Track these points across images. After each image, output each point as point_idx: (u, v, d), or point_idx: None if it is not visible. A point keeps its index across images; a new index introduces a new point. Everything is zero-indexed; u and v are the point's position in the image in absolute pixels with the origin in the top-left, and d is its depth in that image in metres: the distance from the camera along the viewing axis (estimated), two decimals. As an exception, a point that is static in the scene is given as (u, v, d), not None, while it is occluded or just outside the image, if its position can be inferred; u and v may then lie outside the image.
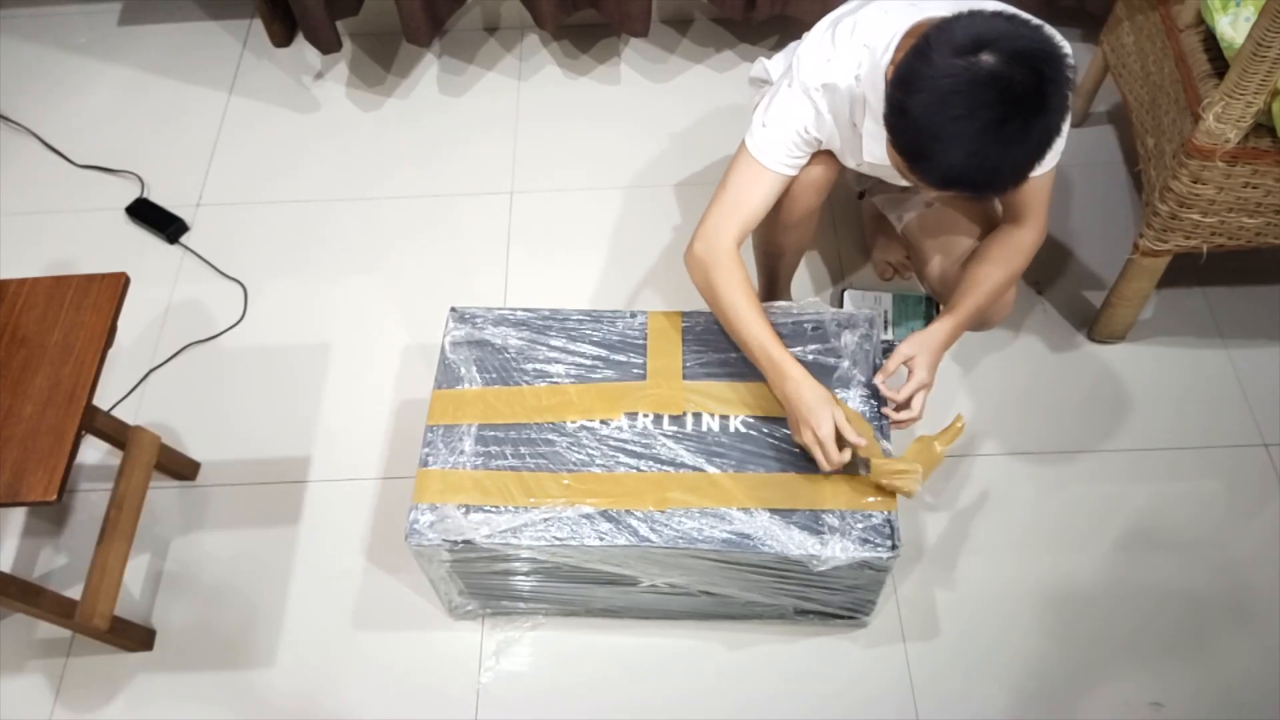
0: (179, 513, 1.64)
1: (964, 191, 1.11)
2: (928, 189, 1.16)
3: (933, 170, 1.09)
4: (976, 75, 1.03)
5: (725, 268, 1.30)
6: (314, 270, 1.93)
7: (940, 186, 1.11)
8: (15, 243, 1.99)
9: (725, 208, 1.32)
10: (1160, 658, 1.46)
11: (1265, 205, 1.46)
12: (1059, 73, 1.05)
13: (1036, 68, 1.03)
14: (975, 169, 1.06)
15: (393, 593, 1.55)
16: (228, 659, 1.50)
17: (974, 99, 1.03)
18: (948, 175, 1.08)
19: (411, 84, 2.24)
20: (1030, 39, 1.05)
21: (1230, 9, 1.40)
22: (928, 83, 1.05)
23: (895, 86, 1.09)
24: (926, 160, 1.09)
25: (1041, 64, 1.04)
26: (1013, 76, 1.02)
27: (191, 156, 2.13)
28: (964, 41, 1.04)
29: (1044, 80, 1.03)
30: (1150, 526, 1.58)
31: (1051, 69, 1.04)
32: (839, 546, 1.24)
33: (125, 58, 2.32)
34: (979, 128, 1.03)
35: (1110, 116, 2.08)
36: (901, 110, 1.08)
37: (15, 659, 1.51)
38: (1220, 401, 1.70)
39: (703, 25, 2.32)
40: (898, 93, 1.09)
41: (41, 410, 1.22)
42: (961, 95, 1.03)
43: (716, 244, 1.31)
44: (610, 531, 1.26)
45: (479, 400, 1.37)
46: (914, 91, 1.06)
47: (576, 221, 1.98)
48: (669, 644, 1.49)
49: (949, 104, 1.04)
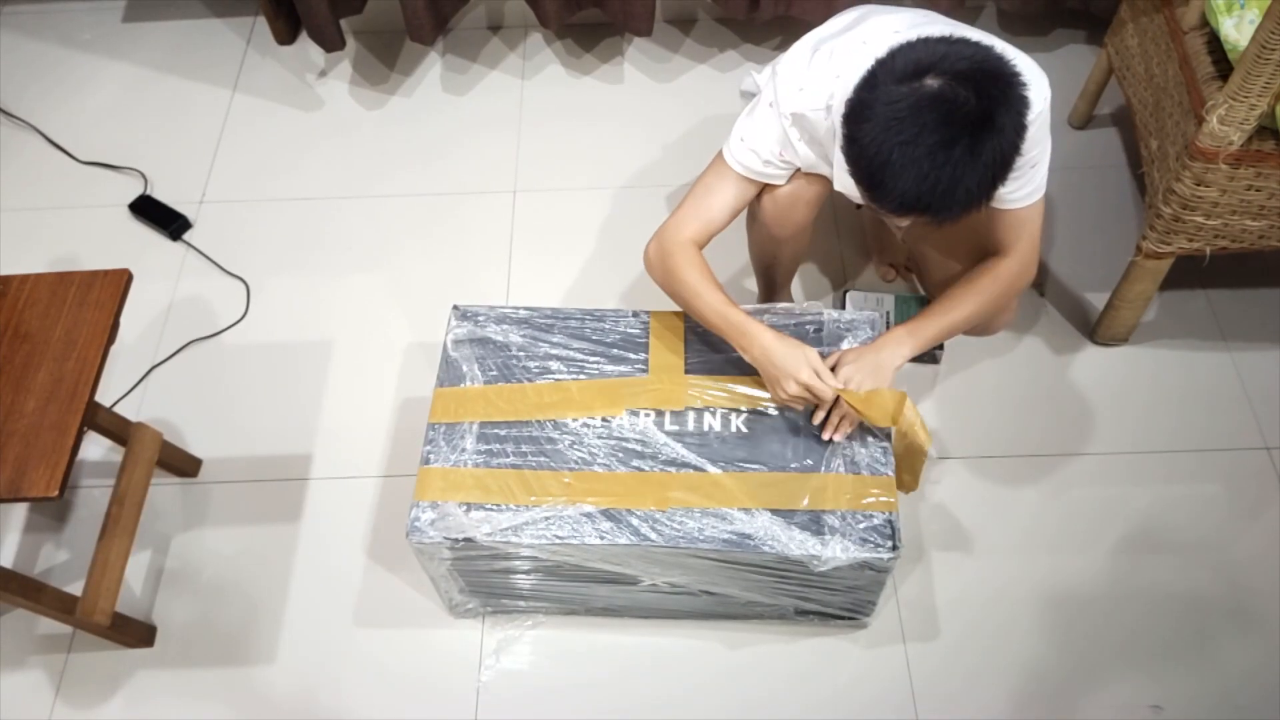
0: (180, 509, 1.65)
1: (923, 216, 1.11)
2: (888, 216, 1.15)
3: (888, 197, 1.09)
4: (919, 99, 1.03)
5: (681, 255, 1.31)
6: (317, 268, 1.94)
7: (898, 212, 1.11)
8: (18, 239, 1.99)
9: (687, 210, 1.34)
10: (1160, 660, 1.46)
11: (1268, 208, 1.46)
12: (1007, 93, 1.05)
13: (981, 88, 1.03)
14: (928, 192, 1.06)
15: (393, 590, 1.55)
16: (228, 656, 1.51)
17: (918, 122, 1.03)
18: (903, 201, 1.08)
19: (415, 82, 2.24)
20: (972, 59, 1.05)
21: (1235, 11, 1.40)
22: (873, 111, 1.06)
23: (845, 118, 1.10)
24: (880, 187, 1.09)
25: (986, 84, 1.04)
26: (955, 98, 1.03)
27: (195, 154, 2.13)
28: (906, 68, 1.05)
29: (990, 100, 1.03)
30: (1151, 528, 1.58)
31: (998, 88, 1.04)
32: (840, 547, 1.24)
33: (129, 54, 2.32)
34: (925, 151, 1.03)
35: (1114, 119, 2.08)
36: (852, 140, 1.09)
37: (16, 654, 1.51)
38: (1222, 404, 1.70)
39: (706, 25, 2.32)
40: (847, 124, 1.10)
41: (44, 406, 1.22)
42: (906, 120, 1.04)
43: (672, 238, 1.33)
44: (611, 530, 1.26)
45: (481, 398, 1.37)
46: (862, 121, 1.07)
47: (579, 221, 1.98)
48: (669, 643, 1.49)
49: (894, 130, 1.04)
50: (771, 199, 1.38)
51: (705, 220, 1.34)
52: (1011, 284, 1.36)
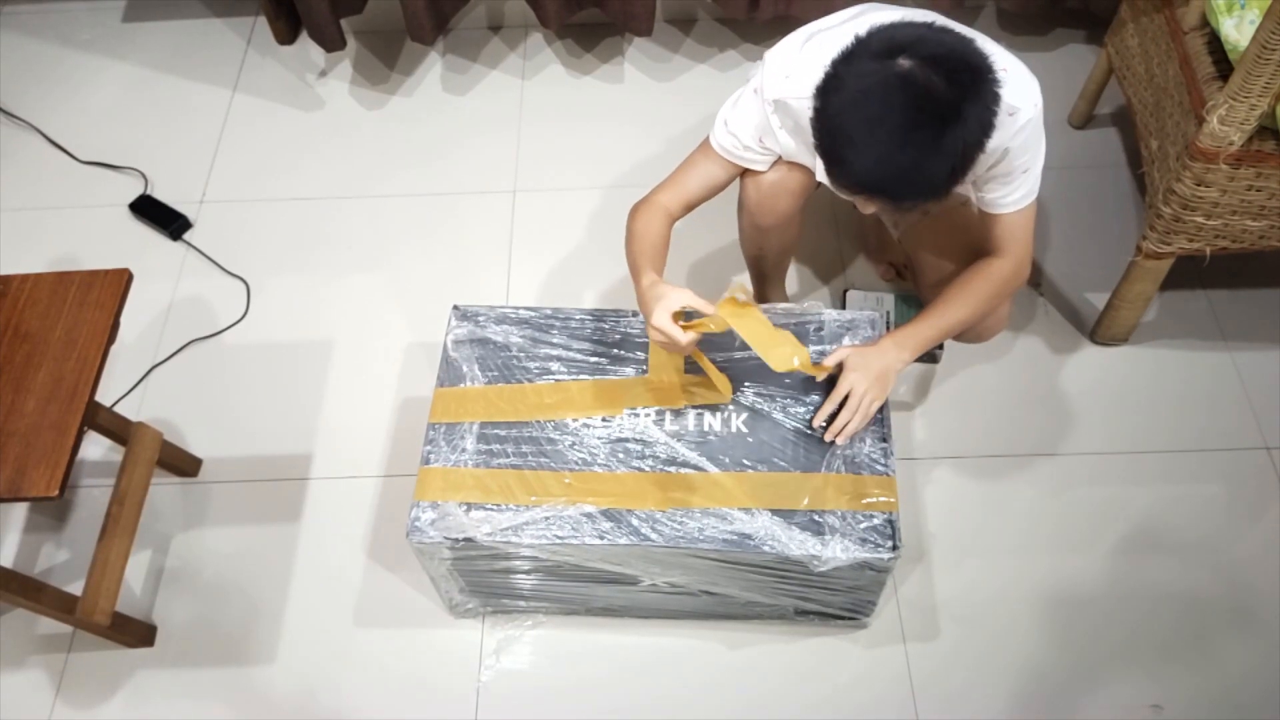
0: (180, 509, 1.65)
1: (880, 199, 1.11)
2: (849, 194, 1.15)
3: (847, 173, 1.09)
4: (889, 78, 1.03)
5: (644, 211, 1.35)
6: (317, 268, 1.94)
7: (856, 190, 1.11)
8: (19, 239, 1.99)
9: (669, 180, 1.38)
10: (1160, 660, 1.46)
11: (1269, 208, 1.46)
12: (978, 85, 1.04)
13: (953, 76, 1.03)
14: (888, 175, 1.06)
15: (393, 590, 1.55)
16: (228, 656, 1.51)
17: (885, 101, 1.03)
18: (862, 179, 1.08)
19: (415, 82, 2.24)
20: (950, 47, 1.05)
21: (1235, 12, 1.40)
22: (843, 84, 1.06)
23: (817, 90, 1.10)
24: (841, 164, 1.09)
25: (958, 72, 1.03)
26: (925, 81, 1.02)
27: (195, 153, 2.13)
28: (881, 46, 1.05)
29: (960, 89, 1.03)
30: (1151, 528, 1.58)
31: (969, 79, 1.04)
32: (840, 547, 1.24)
33: (129, 54, 2.32)
34: (887, 132, 1.03)
35: (1114, 119, 2.08)
36: (820, 112, 1.09)
37: (16, 654, 1.51)
38: (1222, 404, 1.70)
39: (706, 25, 2.32)
40: (818, 96, 1.10)
41: (44, 406, 1.22)
42: (873, 97, 1.03)
43: (648, 198, 1.36)
44: (611, 530, 1.26)
45: (481, 398, 1.37)
46: (830, 93, 1.07)
47: (579, 221, 1.98)
48: (669, 643, 1.49)
49: (860, 105, 1.04)
50: (755, 186, 1.40)
51: (681, 190, 1.37)
52: (1005, 284, 1.36)
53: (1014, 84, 1.16)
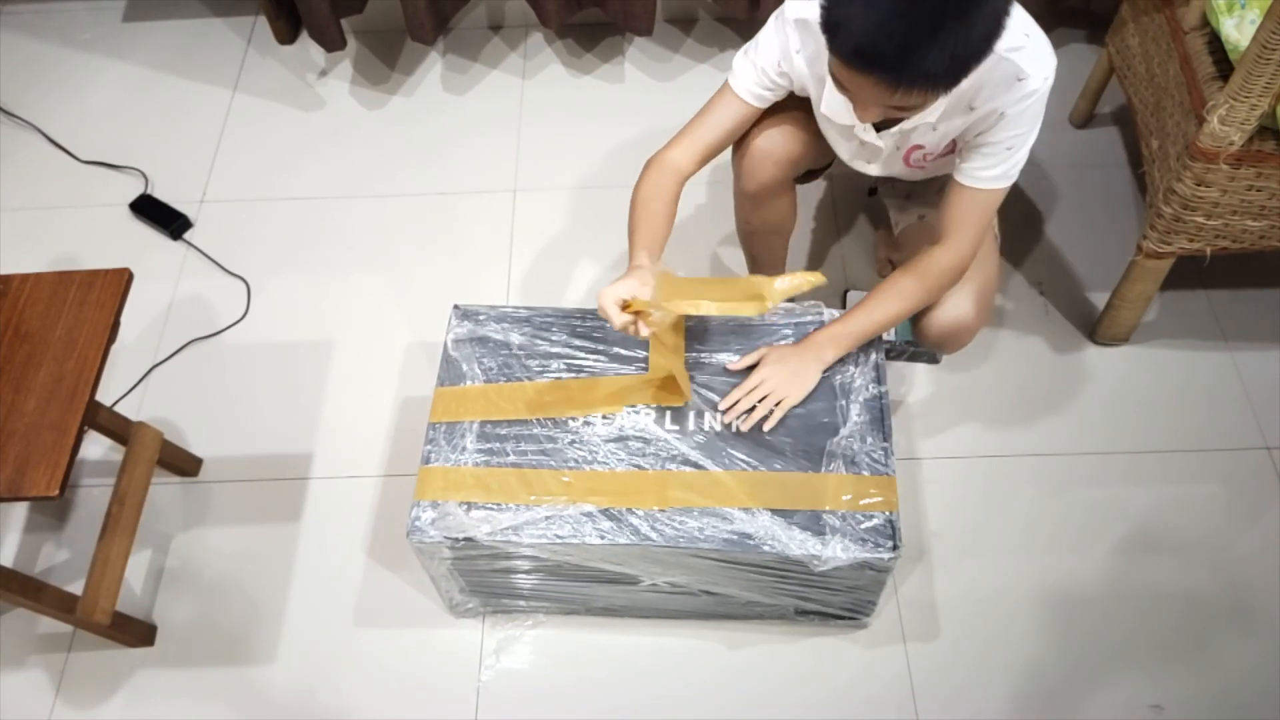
0: (181, 509, 1.65)
1: (874, 72, 1.06)
2: (844, 70, 1.10)
3: (846, 40, 1.05)
4: None
5: (653, 171, 1.35)
6: (317, 267, 1.94)
7: (853, 61, 1.07)
8: (19, 238, 1.99)
9: (686, 128, 1.37)
10: (1160, 660, 1.46)
11: (1269, 208, 1.46)
12: None
13: None
14: (884, 42, 1.02)
15: (393, 590, 1.55)
16: (229, 655, 1.51)
17: None
18: (860, 42, 1.04)
19: (415, 82, 2.24)
20: None
21: (1236, 11, 1.40)
22: None
23: None
24: (841, 28, 1.05)
25: None
26: None
27: (195, 153, 2.13)
28: None
29: None
30: (1151, 528, 1.58)
31: None
32: (840, 546, 1.23)
33: (129, 54, 2.32)
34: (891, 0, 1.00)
35: (1115, 118, 2.08)
36: None
37: (16, 654, 1.51)
38: (1222, 404, 1.70)
39: (707, 24, 2.32)
40: None
41: (44, 405, 1.22)
42: None
43: (659, 153, 1.36)
44: (611, 530, 1.26)
45: (481, 397, 1.37)
46: None
47: (579, 220, 1.98)
48: (669, 643, 1.49)
49: None
50: (743, 149, 1.41)
51: (697, 140, 1.36)
52: (942, 277, 1.32)
53: (1032, 51, 1.15)
